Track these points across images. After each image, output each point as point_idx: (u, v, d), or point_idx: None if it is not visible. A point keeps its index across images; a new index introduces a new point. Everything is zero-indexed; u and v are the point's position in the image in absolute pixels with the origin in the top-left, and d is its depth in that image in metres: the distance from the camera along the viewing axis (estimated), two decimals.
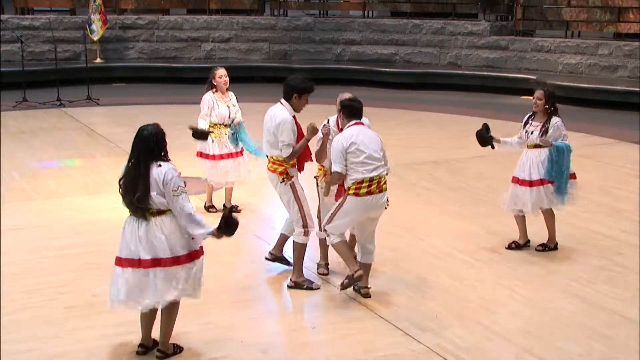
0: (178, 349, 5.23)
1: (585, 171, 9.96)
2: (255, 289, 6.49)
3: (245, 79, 18.49)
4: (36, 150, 11.21)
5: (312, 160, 6.45)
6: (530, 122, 7.23)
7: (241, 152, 8.24)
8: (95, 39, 17.60)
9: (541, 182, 7.08)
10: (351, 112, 6.10)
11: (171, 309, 5.08)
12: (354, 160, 5.88)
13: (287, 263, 6.70)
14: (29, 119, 13.44)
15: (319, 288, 6.36)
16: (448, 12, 19.60)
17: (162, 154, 4.97)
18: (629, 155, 11.20)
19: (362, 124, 6.09)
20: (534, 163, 7.13)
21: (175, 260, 4.96)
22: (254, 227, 7.89)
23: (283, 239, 6.71)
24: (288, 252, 6.65)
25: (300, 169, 6.38)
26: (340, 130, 6.25)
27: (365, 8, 20.16)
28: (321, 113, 7.99)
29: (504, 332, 5.62)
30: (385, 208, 6.12)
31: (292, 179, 6.28)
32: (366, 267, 6.18)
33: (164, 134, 4.99)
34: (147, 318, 5.18)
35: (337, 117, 6.45)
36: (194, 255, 5.08)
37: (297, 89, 6.18)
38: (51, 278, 6.42)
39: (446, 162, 10.79)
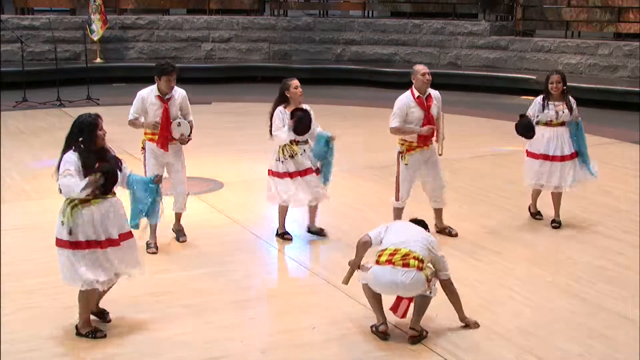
0: (91, 334, 5.41)
1: None
2: (255, 289, 6.49)
3: (245, 79, 18.53)
4: (36, 150, 11.21)
5: (171, 141, 7.06)
6: (548, 103, 7.86)
7: (318, 169, 7.40)
8: (95, 39, 17.61)
9: (573, 155, 7.91)
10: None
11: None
12: (385, 239, 5.48)
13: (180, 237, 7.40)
14: (29, 119, 13.44)
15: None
16: (448, 12, 19.61)
17: (82, 141, 5.25)
18: (629, 155, 11.20)
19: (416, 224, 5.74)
20: (565, 139, 7.88)
21: (57, 242, 5.34)
22: (253, 227, 7.89)
23: (176, 216, 7.47)
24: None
25: (161, 147, 7.09)
26: (418, 99, 7.26)
27: (365, 8, 20.17)
28: (320, 112, 8.00)
29: (504, 332, 5.62)
30: (431, 294, 5.36)
31: (147, 151, 7.18)
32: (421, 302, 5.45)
33: (94, 125, 5.29)
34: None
35: (411, 89, 7.34)
36: (63, 244, 5.30)
37: (155, 71, 7.09)
38: (51, 278, 6.39)
39: (446, 162, 10.73)
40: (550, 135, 7.87)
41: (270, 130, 7.21)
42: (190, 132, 7.17)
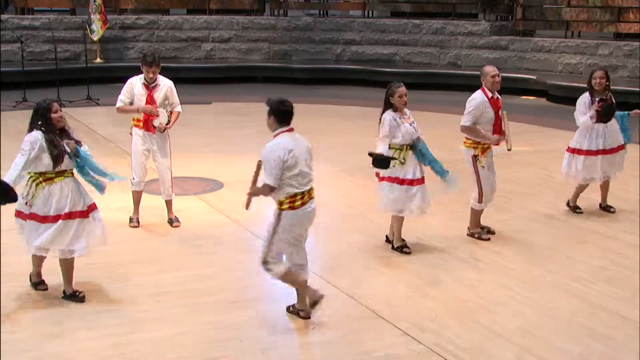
0: (35, 284, 6.18)
1: None
2: (255, 289, 6.49)
3: (245, 79, 18.53)
4: None
5: (155, 126, 7.63)
6: (595, 99, 8.13)
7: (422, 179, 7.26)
8: (95, 39, 17.60)
9: (621, 147, 8.40)
10: (284, 117, 5.63)
11: None
12: (289, 173, 5.53)
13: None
14: (28, 119, 13.41)
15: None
16: (448, 12, 19.60)
17: (40, 124, 6.08)
18: (629, 155, 11.15)
19: (292, 129, 5.66)
20: (613, 131, 8.29)
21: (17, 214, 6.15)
22: (253, 227, 7.89)
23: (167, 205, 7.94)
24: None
25: (146, 129, 7.68)
26: (492, 99, 7.35)
27: (365, 8, 20.16)
28: (320, 112, 7.98)
29: (504, 332, 5.62)
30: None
31: (134, 135, 7.75)
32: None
33: (47, 109, 6.10)
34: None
35: (483, 89, 7.40)
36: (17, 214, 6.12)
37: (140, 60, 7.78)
38: (51, 278, 6.41)
39: (446, 162, 10.72)
40: (605, 129, 8.19)
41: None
42: (175, 120, 7.80)
